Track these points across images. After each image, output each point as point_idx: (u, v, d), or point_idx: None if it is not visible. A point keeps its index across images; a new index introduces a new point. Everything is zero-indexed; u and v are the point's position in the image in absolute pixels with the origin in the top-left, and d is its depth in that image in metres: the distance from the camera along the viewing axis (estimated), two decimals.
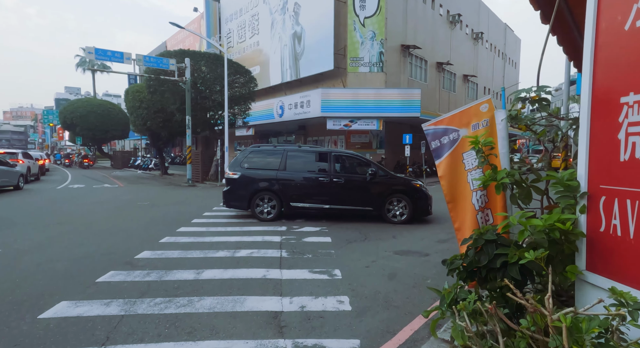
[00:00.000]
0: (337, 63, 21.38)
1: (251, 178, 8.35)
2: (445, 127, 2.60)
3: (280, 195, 8.26)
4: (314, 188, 8.25)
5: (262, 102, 23.85)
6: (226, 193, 8.57)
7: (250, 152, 8.67)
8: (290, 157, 8.44)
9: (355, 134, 22.24)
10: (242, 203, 8.42)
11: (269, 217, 8.33)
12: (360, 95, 19.42)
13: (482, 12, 33.76)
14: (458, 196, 2.64)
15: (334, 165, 8.37)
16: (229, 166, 8.71)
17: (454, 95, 29.34)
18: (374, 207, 8.24)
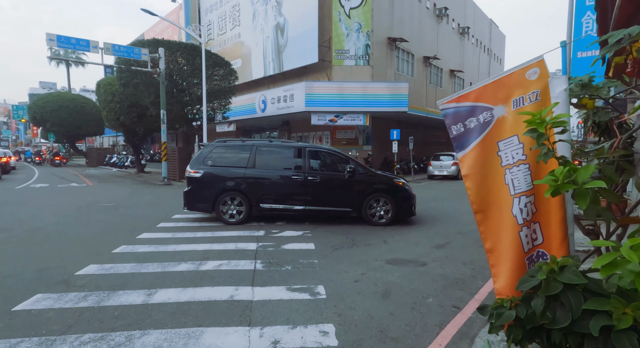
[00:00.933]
0: (322, 56, 20.50)
1: (216, 176, 7.50)
2: (472, 105, 1.80)
3: (248, 196, 7.45)
4: (286, 188, 7.49)
5: (243, 97, 22.79)
6: (187, 194, 7.64)
7: (215, 147, 7.77)
8: (260, 153, 7.63)
9: (341, 129, 21.44)
10: (205, 205, 7.56)
11: (236, 220, 7.49)
12: (346, 89, 18.60)
13: (468, 7, 33.35)
14: (491, 204, 1.85)
15: (309, 162, 7.61)
16: (190, 163, 7.74)
17: (440, 90, 28.85)
18: (353, 208, 7.53)
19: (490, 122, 1.74)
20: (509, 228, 1.75)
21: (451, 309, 3.67)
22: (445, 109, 1.91)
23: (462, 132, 1.84)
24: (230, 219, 7.52)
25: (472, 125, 1.79)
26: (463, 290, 4.16)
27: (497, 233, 1.83)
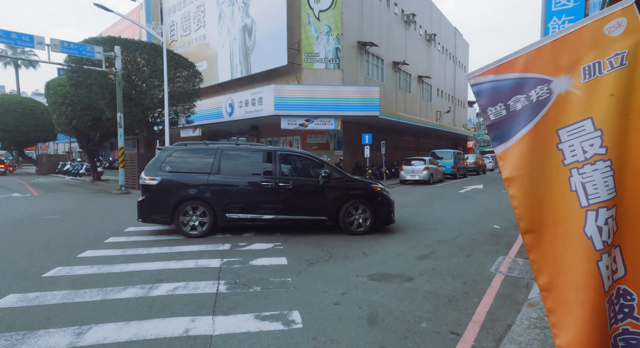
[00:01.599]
0: (292, 58, 19.95)
1: (175, 184, 6.73)
2: (518, 76, 1.27)
3: (212, 205, 6.70)
4: (255, 195, 6.82)
5: (209, 100, 21.77)
6: (142, 204, 6.76)
7: (174, 151, 6.97)
8: (225, 157, 6.91)
9: (311, 134, 20.90)
10: (163, 216, 6.74)
11: (198, 232, 6.72)
12: (316, 92, 18.11)
13: (435, 15, 34.06)
14: (548, 220, 1.30)
15: (280, 167, 6.98)
16: (145, 170, 6.84)
17: (410, 95, 29.08)
18: (329, 216, 6.96)
19: (547, 101, 1.21)
20: (580, 257, 1.21)
21: (449, 336, 3.13)
22: (478, 84, 1.36)
23: (504, 116, 1.30)
24: (192, 231, 6.72)
25: (518, 106, 1.26)
26: (458, 310, 3.65)
27: (559, 263, 1.27)
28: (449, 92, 39.30)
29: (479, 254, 5.69)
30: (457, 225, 8.07)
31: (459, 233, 7.22)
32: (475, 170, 27.65)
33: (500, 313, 3.60)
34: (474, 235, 7.02)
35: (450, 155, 22.79)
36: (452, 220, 8.66)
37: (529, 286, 4.28)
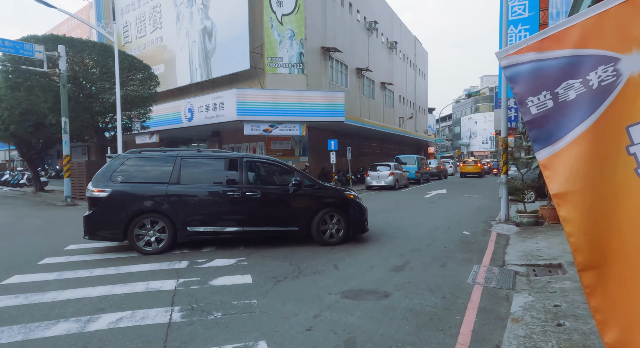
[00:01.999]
0: (254, 63, 19.40)
1: (128, 195, 6.06)
2: (572, 53, 0.92)
3: (172, 218, 6.10)
4: (220, 206, 6.30)
5: (167, 104, 20.69)
6: (89, 218, 6.01)
7: (127, 159, 6.30)
8: (186, 165, 6.35)
9: (276, 140, 20.39)
10: (114, 232, 6.03)
11: (154, 249, 6.06)
12: (280, 97, 17.68)
13: (395, 23, 34.83)
14: (615, 251, 0.94)
15: (247, 175, 6.50)
16: (93, 180, 6.13)
17: (373, 101, 29.37)
18: (300, 226, 6.54)
19: (614, 87, 0.87)
20: None
21: None
22: (513, 66, 1.02)
23: (550, 109, 0.95)
24: (146, 247, 6.04)
25: (571, 95, 0.91)
26: (442, 330, 3.34)
27: (635, 314, 0.91)
28: (411, 99, 40.26)
29: (453, 263, 5.48)
30: (428, 232, 7.91)
31: (430, 241, 7.03)
32: (438, 175, 28.29)
33: (485, 331, 3.33)
34: (445, 243, 6.86)
35: (414, 161, 23.12)
36: (422, 227, 8.51)
37: (509, 298, 4.08)
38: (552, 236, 6.89)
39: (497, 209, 11.57)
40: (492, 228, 8.18)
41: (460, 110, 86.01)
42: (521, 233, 7.57)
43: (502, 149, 8.44)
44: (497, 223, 8.68)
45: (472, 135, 79.07)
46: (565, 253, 5.61)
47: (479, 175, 31.17)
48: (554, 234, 7.00)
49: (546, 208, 8.07)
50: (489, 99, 75.03)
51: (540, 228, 7.78)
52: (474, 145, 77.79)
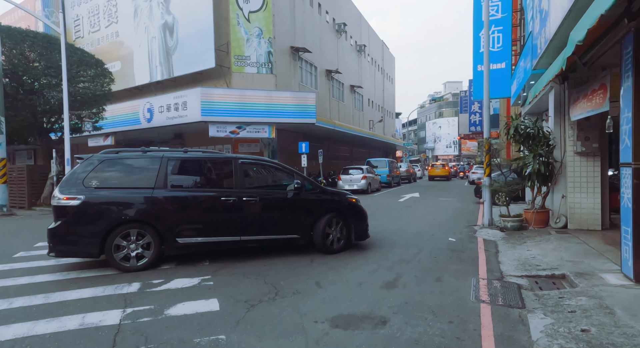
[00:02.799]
0: (220, 61, 18.38)
1: (106, 203, 5.19)
2: None
3: (159, 228, 5.30)
4: (214, 214, 5.63)
5: (124, 104, 19.16)
6: (56, 233, 5.04)
7: (102, 161, 5.36)
8: (173, 167, 5.59)
9: (243, 142, 19.39)
10: (88, 247, 5.09)
11: (141, 263, 5.24)
12: (248, 97, 16.77)
13: (363, 26, 34.84)
14: None
15: (243, 178, 5.87)
16: (60, 186, 5.16)
17: (343, 104, 29.01)
18: (302, 234, 6.03)
19: None
20: None
21: None
22: None
23: None
24: (124, 263, 5.14)
25: None
26: None
27: None
28: (379, 103, 40.44)
29: (448, 277, 4.90)
30: (412, 239, 7.36)
31: (417, 249, 6.46)
32: (408, 178, 28.32)
33: None
34: (434, 251, 6.31)
35: (385, 164, 22.88)
36: (404, 233, 7.96)
37: (524, 320, 3.52)
38: (542, 242, 6.53)
39: (474, 213, 11.31)
40: (476, 234, 7.77)
41: (425, 115, 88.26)
42: (508, 239, 7.18)
43: (485, 150, 8.10)
44: (481, 228, 8.30)
45: (436, 140, 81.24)
46: (564, 262, 5.20)
47: (446, 178, 31.59)
48: (544, 240, 6.65)
49: (530, 212, 7.78)
50: (452, 104, 77.52)
51: (526, 233, 7.45)
52: (438, 149, 79.93)
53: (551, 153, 7.59)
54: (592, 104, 5.31)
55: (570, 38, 3.98)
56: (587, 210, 7.20)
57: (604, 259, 5.14)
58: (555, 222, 7.50)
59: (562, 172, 7.53)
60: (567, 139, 7.35)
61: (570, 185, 7.30)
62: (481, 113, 38.32)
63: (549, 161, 7.60)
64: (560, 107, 7.52)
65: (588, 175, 7.19)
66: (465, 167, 41.80)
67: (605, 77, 4.92)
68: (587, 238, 6.47)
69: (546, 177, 7.57)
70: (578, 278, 4.43)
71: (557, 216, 7.49)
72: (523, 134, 7.74)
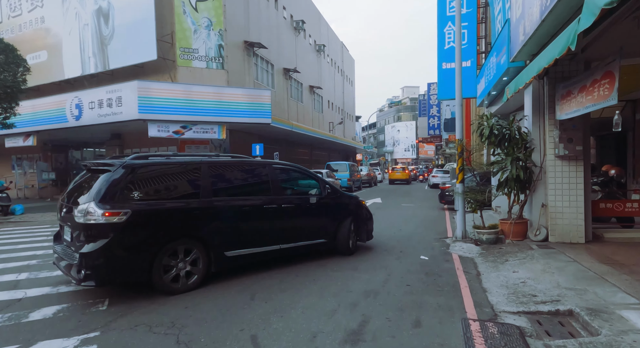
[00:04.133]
0: (163, 53, 16.45)
1: (154, 217, 4.42)
2: None
3: (208, 242, 4.74)
4: (258, 222, 5.31)
5: (47, 99, 16.66)
6: (96, 257, 4.00)
7: (139, 167, 4.48)
8: (213, 174, 5.05)
9: (191, 144, 17.52)
10: (137, 270, 4.26)
11: (191, 282, 4.60)
12: (195, 94, 15.02)
13: (323, 26, 33.93)
14: None
15: (278, 184, 5.67)
16: (95, 198, 4.10)
17: (302, 105, 27.80)
18: (328, 238, 6.10)
19: None
20: None
21: None
22: None
23: None
24: (174, 284, 4.46)
25: None
26: None
27: None
28: (339, 105, 39.68)
29: (429, 318, 3.75)
30: (378, 258, 6.21)
31: (385, 274, 5.30)
32: (368, 182, 27.61)
33: None
34: (405, 276, 5.18)
35: (346, 168, 21.91)
36: (368, 249, 6.80)
37: None
38: (526, 260, 5.61)
39: (441, 221, 10.45)
40: (450, 249, 6.78)
41: (384, 119, 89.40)
42: (486, 255, 6.24)
43: (458, 152, 7.16)
44: (454, 241, 7.34)
45: (395, 143, 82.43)
46: (564, 291, 4.23)
47: (407, 182, 31.32)
48: (527, 257, 5.75)
49: (507, 223, 6.91)
50: (410, 108, 79.09)
51: (505, 247, 6.55)
52: (397, 152, 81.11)
53: (529, 156, 6.77)
54: (593, 98, 4.44)
55: (589, 2, 2.97)
56: (569, 221, 6.43)
57: (609, 286, 4.24)
58: (535, 235, 6.68)
59: (542, 178, 6.74)
60: (548, 141, 6.56)
61: (551, 192, 6.50)
62: (439, 117, 38.74)
63: (527, 166, 6.78)
64: (540, 105, 6.73)
65: (570, 181, 6.42)
66: (424, 170, 42.13)
67: (612, 64, 4.04)
68: (575, 254, 5.65)
69: (524, 183, 6.74)
70: (592, 317, 3.43)
71: (537, 227, 6.66)
72: (499, 135, 6.88)
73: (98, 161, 4.78)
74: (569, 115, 5.34)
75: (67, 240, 4.51)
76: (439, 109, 38.81)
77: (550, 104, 6.47)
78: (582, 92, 4.83)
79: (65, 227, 4.55)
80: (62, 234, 4.73)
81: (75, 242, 4.14)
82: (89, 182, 4.47)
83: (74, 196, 4.51)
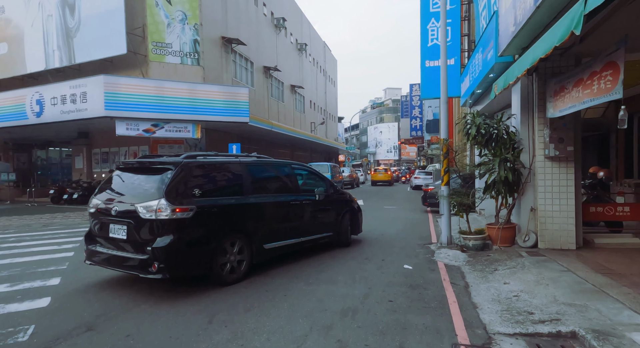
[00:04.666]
0: (134, 47, 15.57)
1: (214, 213, 4.75)
2: None
3: (251, 236, 5.15)
4: (288, 216, 5.90)
5: (5, 94, 15.47)
6: (169, 250, 4.21)
7: (197, 167, 4.81)
8: (252, 173, 5.53)
9: (164, 143, 16.65)
10: (201, 262, 4.57)
11: (237, 275, 4.94)
12: (167, 90, 14.21)
13: (304, 24, 33.39)
14: None
15: (297, 182, 6.29)
16: (164, 195, 4.28)
17: (283, 105, 27.15)
18: (333, 231, 6.75)
19: None
20: None
21: None
22: None
23: None
24: (231, 275, 4.87)
25: None
26: None
27: None
28: (321, 105, 39.20)
29: (415, 344, 3.22)
30: (357, 267, 5.68)
31: (366, 287, 4.76)
32: (351, 183, 27.18)
33: None
34: (387, 290, 4.65)
35: (328, 169, 21.38)
36: (348, 257, 6.27)
37: None
38: (517, 269, 5.19)
39: (424, 224, 10.04)
40: (435, 257, 6.32)
41: (366, 120, 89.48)
42: (474, 263, 5.80)
43: (443, 153, 6.71)
44: (438, 247, 6.88)
45: (377, 144, 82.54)
46: (562, 307, 3.79)
47: (389, 183, 31.06)
48: (518, 266, 5.33)
49: (495, 228, 6.50)
50: (393, 110, 79.38)
51: (493, 254, 6.14)
52: (379, 153, 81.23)
53: (518, 157, 6.38)
54: (592, 92, 4.03)
55: None
56: (559, 226, 6.06)
57: (612, 301, 3.82)
58: (523, 240, 6.29)
59: (531, 181, 6.36)
60: (537, 142, 6.18)
61: (541, 195, 6.12)
62: (422, 118, 38.75)
63: (516, 167, 6.40)
64: (529, 103, 6.35)
65: (561, 184, 6.05)
66: (407, 171, 42.09)
67: (616, 54, 3.62)
68: (567, 262, 5.26)
69: (513, 186, 6.35)
70: (600, 342, 2.97)
71: (526, 233, 6.28)
72: (486, 134, 6.47)
73: (153, 160, 4.87)
74: (563, 111, 4.93)
75: (118, 238, 4.49)
76: (421, 110, 38.81)
77: (540, 102, 6.10)
78: (577, 86, 4.43)
79: (113, 225, 4.52)
80: (105, 233, 4.63)
81: (139, 239, 4.30)
82: (138, 180, 4.69)
83: (118, 195, 4.70)
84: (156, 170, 4.60)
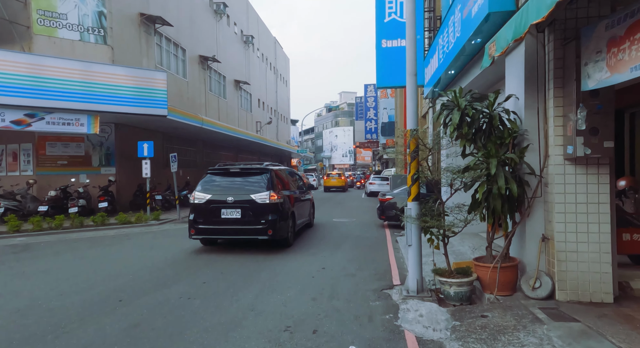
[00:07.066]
0: (12, 15, 11.96)
1: (287, 200, 7.94)
2: None
3: (294, 216, 8.14)
4: (300, 205, 8.98)
5: None
6: (276, 221, 7.08)
7: (276, 171, 7.96)
8: (285, 174, 8.77)
9: (56, 141, 13.04)
10: (287, 230, 7.56)
11: (291, 242, 7.87)
12: (49, 69, 10.77)
13: (251, 15, 30.53)
14: None
15: (298, 182, 9.84)
16: (269, 188, 7.13)
17: (224, 101, 24.03)
18: (309, 218, 10.28)
19: None
20: None
21: None
22: None
23: None
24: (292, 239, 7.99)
25: None
26: None
27: None
28: (272, 105, 36.40)
29: None
30: None
31: None
32: None
33: None
34: None
35: None
36: (256, 330, 3.64)
37: None
38: None
39: (382, 248, 7.65)
40: (400, 320, 3.86)
41: (322, 124, 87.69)
42: (464, 336, 3.42)
43: (411, 150, 4.32)
44: (404, 298, 4.44)
45: (333, 148, 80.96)
46: None
47: (343, 189, 28.93)
48: (536, 341, 3.00)
49: (487, 267, 4.20)
50: (348, 113, 78.20)
51: (491, 314, 3.82)
52: (335, 158, 79.64)
53: (522, 158, 4.15)
54: None
55: None
56: (587, 265, 3.89)
57: None
58: (532, 287, 4.05)
59: (542, 194, 4.15)
60: (552, 135, 3.98)
61: (559, 217, 3.91)
62: (377, 120, 37.20)
63: (517, 173, 4.17)
64: (538, 76, 4.15)
65: (590, 199, 3.89)
66: (361, 176, 40.37)
67: None
68: (613, 333, 3.04)
69: (514, 202, 4.11)
70: None
71: (535, 276, 4.04)
72: (473, 123, 4.18)
73: (253, 167, 7.71)
74: (620, 77, 2.69)
75: (232, 218, 7.02)
76: (376, 111, 37.27)
77: (557, 73, 3.91)
78: None
79: (229, 210, 7.02)
80: (217, 216, 7.07)
81: (253, 216, 6.95)
82: (243, 180, 7.42)
83: (225, 190, 7.24)
84: (255, 174, 7.43)
